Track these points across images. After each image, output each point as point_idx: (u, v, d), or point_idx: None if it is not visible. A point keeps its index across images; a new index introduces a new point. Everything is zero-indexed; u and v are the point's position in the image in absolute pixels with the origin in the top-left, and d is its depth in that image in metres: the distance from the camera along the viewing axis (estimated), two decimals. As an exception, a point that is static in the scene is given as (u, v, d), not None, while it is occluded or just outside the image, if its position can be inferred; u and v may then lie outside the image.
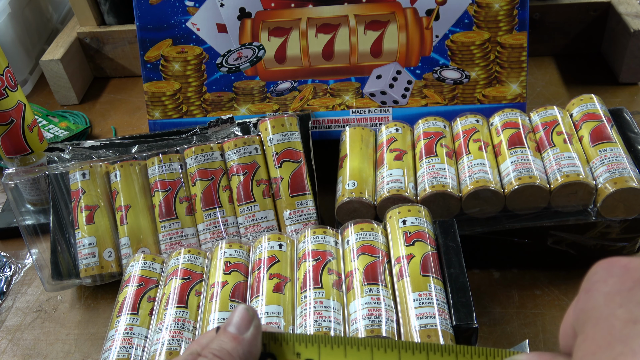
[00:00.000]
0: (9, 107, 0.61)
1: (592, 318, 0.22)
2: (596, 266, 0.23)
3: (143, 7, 0.67)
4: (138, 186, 0.58)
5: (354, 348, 0.30)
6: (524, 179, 0.52)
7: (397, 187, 0.54)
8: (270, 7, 0.66)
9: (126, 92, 0.88)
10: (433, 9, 0.64)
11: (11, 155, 0.64)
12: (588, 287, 0.23)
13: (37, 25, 0.94)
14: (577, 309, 0.23)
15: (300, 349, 0.30)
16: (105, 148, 0.62)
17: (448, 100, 0.65)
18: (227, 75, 0.68)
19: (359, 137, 0.60)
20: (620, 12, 0.75)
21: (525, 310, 0.53)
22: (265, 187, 0.57)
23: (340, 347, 0.30)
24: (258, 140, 0.58)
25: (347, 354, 0.30)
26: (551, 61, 0.83)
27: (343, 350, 0.30)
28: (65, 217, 0.60)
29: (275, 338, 0.30)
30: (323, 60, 0.66)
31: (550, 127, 0.56)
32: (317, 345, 0.30)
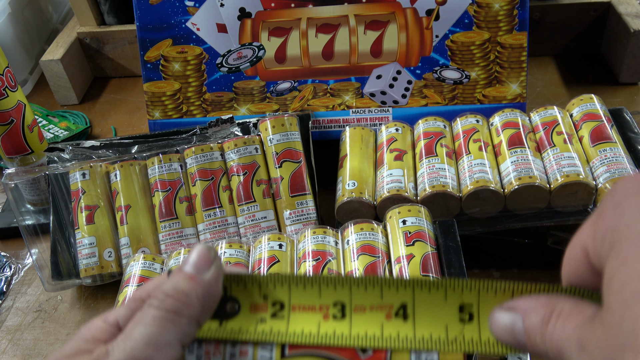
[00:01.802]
0: (9, 107, 0.61)
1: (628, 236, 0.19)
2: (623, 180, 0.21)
3: (143, 7, 0.67)
4: (138, 186, 0.58)
5: (329, 287, 0.26)
6: (524, 179, 0.52)
7: (397, 187, 0.54)
8: (270, 7, 0.66)
9: (126, 92, 0.88)
10: (433, 9, 0.64)
11: (11, 155, 0.64)
12: (616, 201, 0.20)
13: (37, 25, 0.94)
14: (603, 227, 0.20)
15: (268, 290, 0.26)
16: (105, 148, 0.62)
17: (448, 100, 0.65)
18: (227, 75, 0.68)
19: (359, 137, 0.60)
20: (620, 12, 0.75)
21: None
22: (265, 187, 0.57)
23: (314, 287, 0.26)
24: (258, 140, 0.58)
25: (322, 294, 0.26)
26: (551, 61, 0.83)
27: (317, 290, 0.26)
28: (65, 217, 0.60)
29: (238, 280, 0.27)
30: (323, 60, 0.66)
31: (550, 127, 0.56)
32: (287, 285, 0.26)
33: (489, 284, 0.25)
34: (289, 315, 0.26)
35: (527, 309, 0.23)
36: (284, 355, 0.26)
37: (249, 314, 0.26)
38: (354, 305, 0.26)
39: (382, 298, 0.26)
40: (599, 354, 0.20)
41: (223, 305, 0.26)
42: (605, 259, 0.20)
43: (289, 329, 0.26)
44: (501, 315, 0.24)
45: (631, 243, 0.19)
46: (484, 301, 0.25)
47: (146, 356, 0.24)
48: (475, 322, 0.25)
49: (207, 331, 0.26)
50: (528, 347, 0.23)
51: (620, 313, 0.19)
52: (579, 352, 0.21)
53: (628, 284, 0.19)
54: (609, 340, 0.19)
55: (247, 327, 0.26)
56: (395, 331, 0.25)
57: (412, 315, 0.25)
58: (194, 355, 0.26)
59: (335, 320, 0.26)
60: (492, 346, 0.25)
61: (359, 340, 0.25)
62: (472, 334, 0.25)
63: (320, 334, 0.25)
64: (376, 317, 0.26)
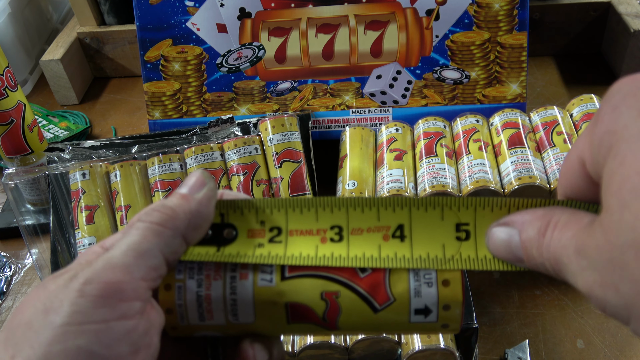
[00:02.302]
0: (9, 107, 0.61)
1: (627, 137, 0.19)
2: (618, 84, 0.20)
3: (143, 7, 0.67)
4: (138, 186, 0.58)
5: (326, 210, 0.26)
6: (524, 179, 0.52)
7: (397, 187, 0.54)
8: (270, 7, 0.66)
9: (126, 92, 0.88)
10: (433, 9, 0.64)
11: (11, 155, 0.64)
12: (613, 104, 0.20)
13: (37, 25, 0.94)
14: (600, 132, 0.20)
15: (265, 216, 0.26)
16: (105, 148, 0.62)
17: (448, 100, 0.65)
18: (227, 75, 0.68)
19: (359, 137, 0.60)
20: (620, 12, 0.75)
21: (525, 310, 0.53)
22: (265, 187, 0.57)
23: (311, 211, 0.26)
24: (258, 140, 0.58)
25: (319, 218, 0.26)
26: (551, 61, 0.83)
27: (314, 214, 0.26)
28: (65, 217, 0.60)
29: (235, 206, 0.27)
30: (323, 60, 0.66)
31: (550, 127, 0.56)
32: (285, 209, 0.26)
33: (485, 201, 0.25)
34: (286, 240, 0.26)
35: (523, 222, 0.23)
36: (284, 277, 0.26)
37: (246, 239, 0.26)
38: (351, 228, 0.26)
39: (379, 219, 0.26)
40: (599, 256, 0.19)
41: (220, 232, 0.26)
42: (603, 164, 0.20)
43: (287, 252, 0.26)
44: (497, 230, 0.24)
45: (630, 142, 0.18)
46: (481, 218, 0.25)
47: (124, 262, 0.23)
48: (472, 240, 0.25)
49: (205, 255, 0.26)
50: (525, 260, 0.23)
51: (619, 212, 0.18)
52: (577, 257, 0.20)
53: (627, 181, 0.18)
54: (608, 240, 0.19)
55: (245, 252, 0.26)
56: (393, 251, 0.25)
57: (409, 235, 0.26)
58: (195, 280, 0.26)
59: (332, 243, 0.26)
60: (488, 263, 0.25)
61: (357, 261, 0.25)
62: (469, 252, 0.25)
63: (318, 256, 0.26)
64: (374, 238, 0.26)
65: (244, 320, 0.26)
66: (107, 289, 0.23)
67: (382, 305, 0.25)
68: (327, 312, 0.26)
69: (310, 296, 0.26)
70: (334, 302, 0.25)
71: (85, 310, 0.22)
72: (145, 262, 0.24)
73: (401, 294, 0.25)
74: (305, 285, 0.26)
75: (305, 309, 0.26)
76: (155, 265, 0.24)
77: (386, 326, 0.26)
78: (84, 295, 0.22)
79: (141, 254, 0.24)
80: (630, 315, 0.19)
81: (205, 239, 0.26)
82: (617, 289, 0.18)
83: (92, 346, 0.22)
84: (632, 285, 0.18)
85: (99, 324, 0.22)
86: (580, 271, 0.20)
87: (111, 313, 0.22)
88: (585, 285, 0.20)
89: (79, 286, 0.23)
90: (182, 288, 0.26)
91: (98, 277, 0.23)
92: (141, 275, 0.24)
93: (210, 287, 0.26)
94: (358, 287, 0.25)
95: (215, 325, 0.27)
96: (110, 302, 0.23)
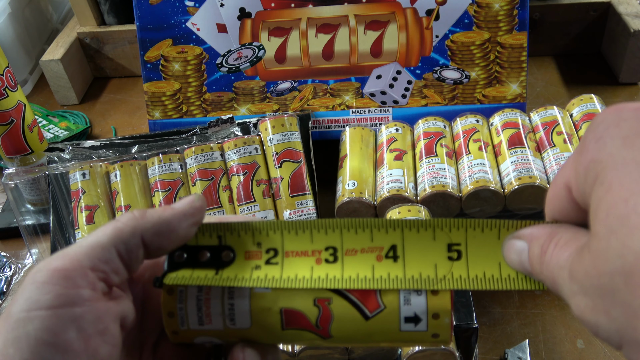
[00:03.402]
0: (9, 107, 0.61)
1: (612, 165, 0.19)
2: (602, 114, 0.21)
3: (143, 7, 0.67)
4: (138, 186, 0.58)
5: (321, 232, 0.27)
6: (524, 179, 0.52)
7: (397, 187, 0.54)
8: (270, 7, 0.66)
9: (126, 92, 0.88)
10: (433, 9, 0.64)
11: (11, 155, 0.64)
12: (597, 135, 0.20)
13: (37, 25, 0.94)
14: (585, 161, 0.20)
15: (261, 237, 0.27)
16: (105, 148, 0.62)
17: (448, 100, 0.65)
18: (227, 75, 0.68)
19: (359, 137, 0.60)
20: (620, 12, 0.75)
21: (525, 310, 0.53)
22: (265, 187, 0.57)
23: (306, 232, 0.27)
24: (258, 140, 0.58)
25: (314, 239, 0.27)
26: (551, 61, 0.83)
27: (309, 236, 0.27)
28: (65, 217, 0.60)
29: (232, 229, 0.27)
30: (323, 60, 0.66)
31: (550, 127, 0.56)
32: (280, 231, 0.27)
33: (476, 223, 0.26)
34: (282, 261, 0.27)
35: (532, 237, 0.24)
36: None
37: (243, 261, 0.27)
38: (345, 249, 0.27)
39: (373, 240, 0.26)
40: (588, 282, 0.19)
41: (218, 254, 0.27)
42: (589, 192, 0.20)
43: (283, 274, 0.26)
44: (512, 242, 0.25)
45: (615, 170, 0.19)
46: (472, 239, 0.26)
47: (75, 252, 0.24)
48: (464, 260, 0.26)
49: (204, 279, 0.27)
50: (533, 275, 0.24)
51: (606, 239, 0.19)
52: (570, 281, 0.20)
53: (613, 208, 0.18)
54: (597, 267, 0.19)
55: (243, 275, 0.27)
56: (386, 272, 0.26)
57: (402, 256, 0.26)
58: (195, 285, 0.27)
59: (327, 264, 0.26)
60: (480, 283, 0.25)
61: (351, 283, 0.26)
62: (460, 271, 0.26)
63: (314, 278, 0.26)
64: (367, 259, 0.26)
65: (241, 325, 0.27)
66: (53, 276, 0.23)
67: (373, 312, 0.26)
68: (319, 318, 0.26)
69: (304, 302, 0.26)
70: (327, 309, 0.26)
71: (35, 297, 0.23)
72: (95, 253, 0.24)
73: (391, 301, 0.26)
74: (299, 291, 0.26)
75: (299, 315, 0.26)
76: (106, 258, 0.25)
77: (378, 335, 0.26)
78: (34, 282, 0.23)
79: (93, 246, 0.25)
80: (622, 340, 0.19)
81: (179, 262, 0.27)
82: (609, 315, 0.19)
83: (39, 333, 0.22)
84: (623, 311, 0.18)
85: (45, 310, 0.23)
86: (573, 295, 0.20)
87: (56, 299, 0.23)
88: (577, 310, 0.20)
89: (32, 275, 0.24)
90: (183, 292, 0.27)
91: (47, 264, 0.24)
92: (90, 264, 0.24)
93: (210, 291, 0.27)
94: (349, 295, 0.26)
95: (213, 331, 0.27)
96: (55, 288, 0.23)
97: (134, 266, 0.26)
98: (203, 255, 0.27)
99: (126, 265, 0.26)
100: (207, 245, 0.27)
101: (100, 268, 0.24)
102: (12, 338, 0.22)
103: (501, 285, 0.25)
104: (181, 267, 0.27)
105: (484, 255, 0.26)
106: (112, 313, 0.25)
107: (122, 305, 0.26)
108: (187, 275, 0.27)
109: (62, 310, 0.23)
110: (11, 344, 0.22)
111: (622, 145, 0.19)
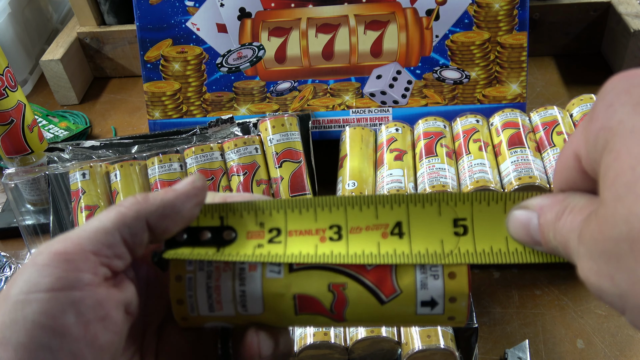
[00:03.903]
0: (9, 107, 0.61)
1: (621, 132, 0.19)
2: (611, 81, 0.21)
3: (143, 7, 0.67)
4: (138, 186, 0.58)
5: (325, 210, 0.26)
6: (524, 179, 0.52)
7: (397, 187, 0.54)
8: (270, 7, 0.66)
9: (126, 92, 0.88)
10: (433, 9, 0.64)
11: (11, 155, 0.64)
12: (607, 102, 0.20)
13: (37, 25, 0.94)
14: (595, 128, 0.20)
15: (264, 217, 0.27)
16: (105, 148, 0.62)
17: (448, 100, 0.65)
18: (227, 75, 0.68)
19: (359, 137, 0.60)
20: (620, 12, 0.75)
21: (525, 310, 0.53)
22: (265, 187, 0.57)
23: (310, 211, 0.26)
24: (258, 140, 0.58)
25: (318, 218, 0.26)
26: (551, 61, 0.83)
27: (313, 214, 0.26)
28: (65, 217, 0.60)
29: (234, 209, 0.27)
30: (323, 60, 0.66)
31: (550, 127, 0.56)
32: (284, 211, 0.27)
33: (482, 195, 0.25)
34: (286, 240, 0.26)
35: (542, 206, 0.23)
36: (292, 269, 0.26)
37: (245, 240, 0.27)
38: (350, 227, 0.26)
39: (378, 217, 0.26)
40: (594, 246, 0.20)
41: (220, 234, 0.27)
42: (599, 160, 0.20)
43: (287, 251, 0.26)
44: (517, 213, 0.24)
45: (624, 137, 0.19)
46: (478, 212, 0.26)
47: (77, 235, 0.24)
48: (470, 234, 0.25)
49: (205, 255, 0.26)
50: (542, 243, 0.23)
51: (613, 205, 0.19)
52: (578, 244, 0.21)
53: (621, 176, 0.18)
54: (603, 232, 0.19)
55: (245, 252, 0.26)
56: (392, 248, 0.26)
57: (408, 232, 0.26)
58: (205, 272, 0.27)
59: (332, 242, 0.26)
60: (487, 257, 0.25)
61: (356, 258, 0.25)
62: (467, 246, 0.25)
63: (318, 254, 0.26)
64: (372, 236, 0.26)
65: (253, 311, 0.26)
66: (54, 259, 0.23)
67: (389, 297, 0.26)
68: (334, 303, 0.26)
69: (318, 288, 0.26)
70: (341, 294, 0.26)
71: (34, 279, 0.22)
72: (98, 238, 0.24)
73: (407, 286, 0.25)
74: (312, 277, 0.26)
75: (313, 300, 0.26)
76: (110, 242, 0.24)
77: (393, 318, 0.26)
78: (34, 265, 0.23)
79: (97, 229, 0.24)
80: (625, 305, 0.19)
81: (179, 241, 0.27)
82: (612, 279, 0.19)
83: (37, 316, 0.22)
84: (627, 276, 0.18)
85: (44, 292, 0.22)
86: (579, 258, 0.21)
87: (56, 282, 0.22)
88: (582, 272, 0.20)
89: (32, 257, 0.23)
90: (192, 279, 0.27)
91: (49, 247, 0.23)
92: (92, 249, 0.24)
93: (220, 278, 0.26)
94: (365, 279, 0.26)
95: (224, 316, 0.27)
96: (55, 271, 0.23)
97: (138, 250, 0.26)
98: (204, 235, 0.27)
99: (130, 249, 0.25)
100: (208, 226, 0.27)
101: (103, 252, 0.24)
102: (9, 321, 0.22)
103: (508, 259, 0.25)
104: (181, 245, 0.27)
105: (491, 230, 0.25)
106: (114, 299, 0.24)
107: (125, 293, 0.25)
108: (186, 252, 0.26)
109: (61, 294, 0.22)
110: (8, 327, 0.22)
111: (633, 112, 0.19)
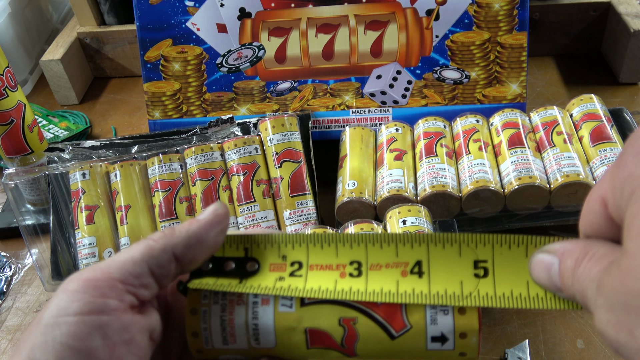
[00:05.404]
0: (9, 107, 0.61)
1: None
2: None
3: (143, 7, 0.67)
4: (138, 186, 0.58)
5: (346, 246, 0.27)
6: (524, 179, 0.52)
7: (397, 187, 0.54)
8: (270, 7, 0.66)
9: (126, 92, 0.88)
10: (433, 9, 0.64)
11: (11, 155, 0.64)
12: (636, 149, 0.20)
13: (37, 25, 0.94)
14: (622, 175, 0.20)
15: (287, 250, 0.28)
16: (105, 148, 0.62)
17: (448, 100, 0.65)
18: (227, 75, 0.68)
19: (359, 137, 0.60)
20: (620, 12, 0.75)
21: (525, 310, 0.53)
22: (265, 187, 0.57)
23: (332, 246, 0.27)
24: (258, 140, 0.58)
25: (339, 253, 0.27)
26: (551, 61, 0.83)
27: (334, 250, 0.27)
28: (65, 217, 0.60)
29: (258, 241, 0.28)
30: (323, 60, 0.66)
31: (550, 127, 0.56)
32: (306, 245, 0.27)
33: (503, 239, 0.25)
34: (306, 274, 0.27)
35: (564, 252, 0.23)
36: (304, 303, 0.27)
37: (268, 272, 0.27)
38: (370, 264, 0.26)
39: (398, 255, 0.26)
40: (615, 297, 0.19)
41: (243, 265, 0.28)
42: (625, 208, 0.20)
43: (307, 285, 0.26)
44: (541, 256, 0.24)
45: None
46: (499, 255, 0.25)
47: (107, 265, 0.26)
48: (491, 277, 0.25)
49: (228, 286, 0.27)
50: (562, 290, 0.23)
51: (636, 257, 0.18)
52: (597, 294, 0.20)
53: None
54: (624, 284, 0.19)
55: (266, 284, 0.27)
56: (411, 287, 0.26)
57: (427, 272, 0.26)
58: (219, 305, 0.27)
59: (351, 278, 0.26)
60: (507, 301, 0.25)
61: (375, 296, 0.26)
62: (487, 289, 0.25)
63: (337, 290, 0.26)
64: (392, 274, 0.26)
65: (265, 344, 0.27)
66: (84, 285, 0.25)
67: (399, 332, 0.26)
68: (345, 338, 0.26)
69: (329, 322, 0.26)
70: (352, 329, 0.26)
71: (63, 304, 0.24)
72: (126, 267, 0.26)
73: (417, 321, 0.26)
74: (323, 311, 0.26)
75: (324, 334, 0.26)
76: (137, 273, 0.26)
77: (404, 353, 0.26)
78: (65, 291, 0.25)
79: (125, 260, 0.26)
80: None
81: (204, 270, 0.28)
82: (631, 333, 0.19)
83: (65, 338, 0.23)
84: None
85: (73, 316, 0.24)
86: (597, 308, 0.20)
87: (84, 307, 0.24)
88: (600, 324, 0.20)
89: (64, 284, 0.25)
90: (207, 312, 0.27)
91: (79, 275, 0.25)
92: (120, 277, 0.25)
93: (234, 312, 0.27)
94: (375, 314, 0.26)
95: (238, 350, 0.27)
96: (84, 297, 0.24)
97: (165, 281, 0.27)
98: (228, 265, 0.28)
99: (157, 280, 0.27)
100: (233, 257, 0.28)
101: (130, 281, 0.25)
102: (40, 343, 0.23)
103: (529, 304, 0.24)
104: (206, 275, 0.28)
105: (512, 273, 0.25)
106: (139, 325, 0.25)
107: (150, 319, 0.26)
108: (210, 282, 0.27)
109: (89, 317, 0.24)
110: (38, 349, 0.23)
111: None
